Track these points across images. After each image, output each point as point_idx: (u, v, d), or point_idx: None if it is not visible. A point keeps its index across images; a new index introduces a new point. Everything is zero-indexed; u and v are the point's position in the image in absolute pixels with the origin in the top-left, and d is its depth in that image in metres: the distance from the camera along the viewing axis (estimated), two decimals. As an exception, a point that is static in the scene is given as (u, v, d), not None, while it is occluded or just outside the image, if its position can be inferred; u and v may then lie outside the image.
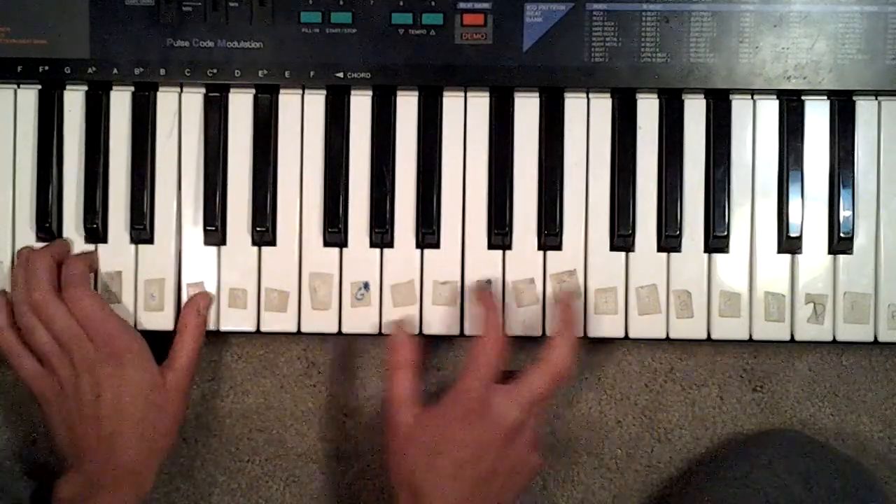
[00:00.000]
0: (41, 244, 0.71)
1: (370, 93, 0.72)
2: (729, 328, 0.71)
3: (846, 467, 0.70)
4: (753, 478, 0.68)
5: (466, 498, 0.64)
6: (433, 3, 0.70)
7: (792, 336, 0.71)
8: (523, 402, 0.66)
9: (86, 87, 0.72)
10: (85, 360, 0.66)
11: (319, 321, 0.72)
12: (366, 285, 0.72)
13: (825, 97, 0.72)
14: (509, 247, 0.72)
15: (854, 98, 0.71)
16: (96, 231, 0.71)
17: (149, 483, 0.67)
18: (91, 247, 0.72)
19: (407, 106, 0.72)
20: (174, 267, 0.72)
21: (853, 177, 0.71)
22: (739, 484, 0.68)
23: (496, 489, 0.66)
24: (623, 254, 0.72)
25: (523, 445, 0.67)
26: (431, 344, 0.75)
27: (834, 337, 0.71)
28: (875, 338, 0.71)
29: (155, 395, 0.67)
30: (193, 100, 0.72)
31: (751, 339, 0.71)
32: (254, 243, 0.72)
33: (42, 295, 0.67)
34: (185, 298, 0.71)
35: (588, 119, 0.72)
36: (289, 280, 0.72)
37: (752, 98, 0.72)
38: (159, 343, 0.71)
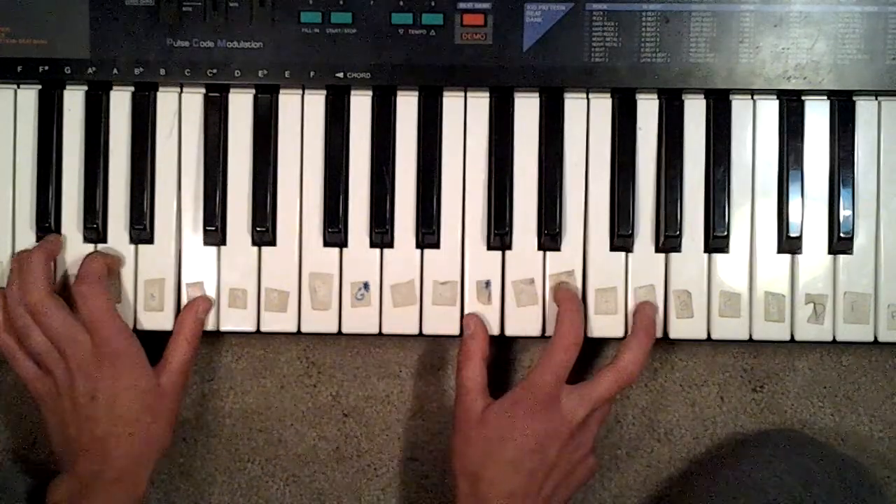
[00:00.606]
0: (41, 244, 0.71)
1: (370, 93, 0.72)
2: (729, 328, 0.71)
3: (846, 467, 0.70)
4: (753, 478, 0.68)
5: (523, 489, 0.66)
6: (433, 3, 0.70)
7: (792, 336, 0.71)
8: (590, 403, 0.68)
9: (86, 87, 0.72)
10: (80, 361, 0.67)
11: (319, 321, 0.72)
12: (366, 285, 0.72)
13: (825, 97, 0.72)
14: (509, 247, 0.72)
15: (854, 98, 0.71)
16: (96, 231, 0.71)
17: (142, 486, 0.67)
18: (91, 247, 0.71)
19: (407, 106, 0.72)
20: (174, 267, 0.72)
21: (853, 177, 0.71)
22: (739, 484, 0.68)
23: (553, 485, 0.67)
24: (623, 254, 0.71)
25: (585, 446, 0.69)
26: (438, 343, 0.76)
27: (834, 337, 0.71)
28: (875, 338, 0.71)
29: (149, 398, 0.67)
30: (193, 100, 0.72)
31: (751, 339, 0.71)
32: (254, 243, 0.72)
33: (38, 297, 0.67)
34: (185, 298, 0.71)
35: (588, 119, 0.72)
36: (289, 280, 0.72)
37: (752, 98, 0.72)
38: (159, 343, 0.71)
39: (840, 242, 0.71)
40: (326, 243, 0.72)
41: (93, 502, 0.65)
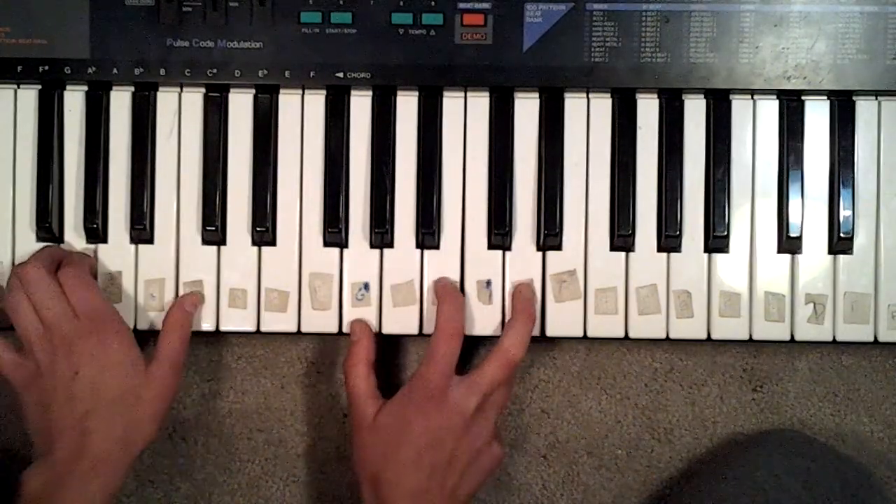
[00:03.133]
0: (41, 244, 0.71)
1: (370, 93, 0.72)
2: (729, 328, 0.71)
3: (846, 467, 0.70)
4: (753, 478, 0.68)
5: (425, 487, 0.65)
6: (433, 3, 0.70)
7: (792, 336, 0.71)
8: (479, 390, 0.67)
9: (86, 87, 0.72)
10: (67, 337, 0.66)
11: (319, 321, 0.72)
12: (366, 285, 0.72)
13: (825, 97, 0.72)
14: (509, 247, 0.72)
15: (854, 98, 0.71)
16: (96, 231, 0.71)
17: (118, 480, 0.66)
18: (91, 247, 0.72)
19: (407, 106, 0.72)
20: (174, 267, 0.72)
21: (853, 177, 0.71)
22: (739, 484, 0.68)
23: (456, 478, 0.67)
24: (623, 254, 0.72)
25: (484, 435, 0.68)
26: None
27: (834, 337, 0.71)
28: (875, 338, 0.71)
29: (134, 379, 0.67)
30: (193, 100, 0.72)
31: (751, 339, 0.71)
32: (254, 243, 0.72)
33: (36, 269, 0.66)
34: (185, 298, 0.72)
35: (588, 119, 0.72)
36: (289, 280, 0.72)
37: (752, 98, 0.72)
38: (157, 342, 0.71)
39: (840, 242, 0.71)
40: (326, 243, 0.72)
41: (67, 493, 0.64)
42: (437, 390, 0.67)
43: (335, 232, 0.71)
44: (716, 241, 0.71)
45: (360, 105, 0.72)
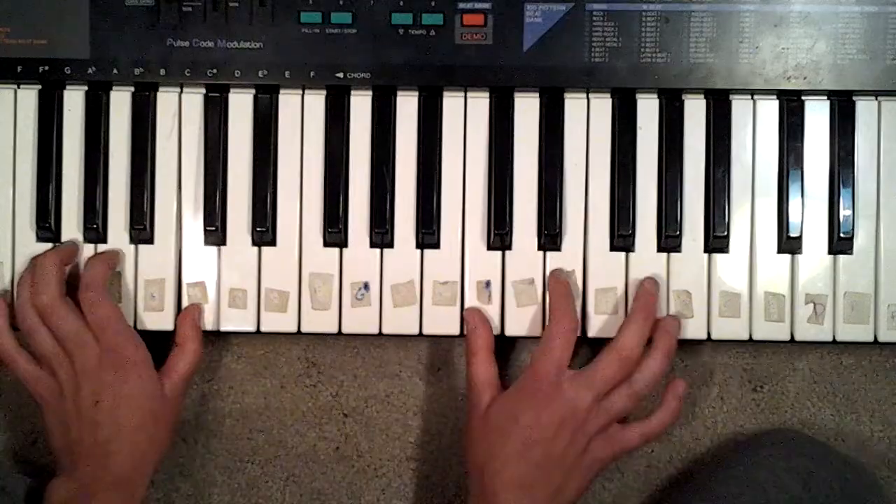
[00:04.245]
0: (41, 244, 0.71)
1: (370, 93, 0.72)
2: (729, 328, 0.71)
3: (845, 467, 0.70)
4: (753, 477, 0.68)
5: (529, 481, 0.65)
6: (433, 3, 0.70)
7: (792, 336, 0.71)
8: (593, 386, 0.67)
9: (86, 87, 0.72)
10: (87, 365, 0.67)
11: (319, 321, 0.72)
12: (366, 285, 0.72)
13: (825, 97, 0.72)
14: (509, 247, 0.72)
15: (854, 98, 0.71)
16: (96, 231, 0.71)
17: (141, 491, 0.67)
18: (91, 247, 0.71)
19: (407, 106, 0.72)
20: (174, 267, 0.72)
21: (853, 177, 0.71)
22: (738, 483, 0.68)
23: (560, 476, 0.66)
24: (623, 254, 0.72)
25: (595, 437, 0.67)
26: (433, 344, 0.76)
27: (834, 337, 0.71)
28: (875, 338, 0.71)
29: (153, 405, 0.68)
30: (193, 100, 0.72)
31: (751, 339, 0.71)
32: (254, 243, 0.72)
33: (49, 299, 0.67)
34: (185, 299, 0.71)
35: (588, 119, 0.72)
36: (289, 280, 0.72)
37: (752, 98, 0.72)
38: (157, 343, 0.71)
39: (840, 242, 0.71)
40: (326, 243, 0.72)
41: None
42: (552, 385, 0.66)
43: (335, 232, 0.71)
44: (716, 241, 0.71)
45: (360, 105, 0.72)
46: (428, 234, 0.71)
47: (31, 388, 0.69)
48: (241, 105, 0.72)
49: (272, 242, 0.72)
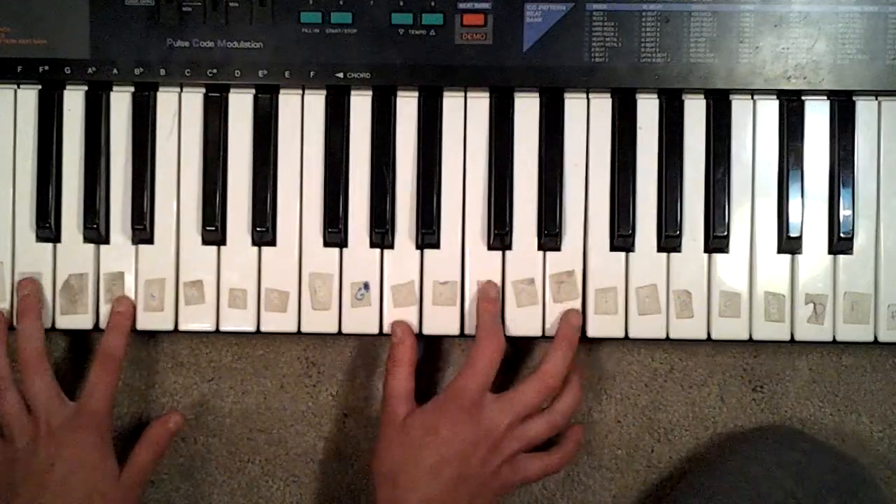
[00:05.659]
0: (41, 244, 0.71)
1: (370, 93, 0.72)
2: (729, 328, 0.71)
3: (838, 461, 0.70)
4: (745, 473, 0.68)
5: (440, 497, 0.65)
6: (433, 3, 0.70)
7: (792, 336, 0.71)
8: (513, 410, 0.67)
9: (86, 87, 0.72)
10: (53, 426, 0.67)
11: (319, 321, 0.72)
12: (366, 285, 0.72)
13: (825, 97, 0.72)
14: (509, 247, 0.72)
15: (854, 98, 0.71)
16: (96, 231, 0.71)
17: None
18: (91, 247, 0.71)
19: (407, 106, 0.72)
20: (174, 267, 0.72)
21: (853, 177, 0.71)
22: (732, 478, 0.68)
23: (467, 498, 0.66)
24: (623, 254, 0.72)
25: (506, 460, 0.67)
26: (427, 344, 0.76)
27: (834, 337, 0.71)
28: (875, 338, 0.71)
29: (105, 484, 0.67)
30: (193, 100, 0.72)
31: (751, 339, 0.71)
32: (254, 243, 0.72)
33: (31, 352, 0.68)
34: (185, 298, 0.71)
35: (588, 119, 0.72)
36: (289, 280, 0.72)
37: (752, 98, 0.72)
38: (157, 342, 0.71)
39: (840, 242, 0.71)
40: (326, 243, 0.72)
41: None
42: (472, 404, 0.67)
43: (335, 232, 0.71)
44: (716, 241, 0.71)
45: (361, 105, 0.72)
46: (428, 234, 0.71)
47: None
48: (241, 105, 0.72)
49: (272, 242, 0.72)
